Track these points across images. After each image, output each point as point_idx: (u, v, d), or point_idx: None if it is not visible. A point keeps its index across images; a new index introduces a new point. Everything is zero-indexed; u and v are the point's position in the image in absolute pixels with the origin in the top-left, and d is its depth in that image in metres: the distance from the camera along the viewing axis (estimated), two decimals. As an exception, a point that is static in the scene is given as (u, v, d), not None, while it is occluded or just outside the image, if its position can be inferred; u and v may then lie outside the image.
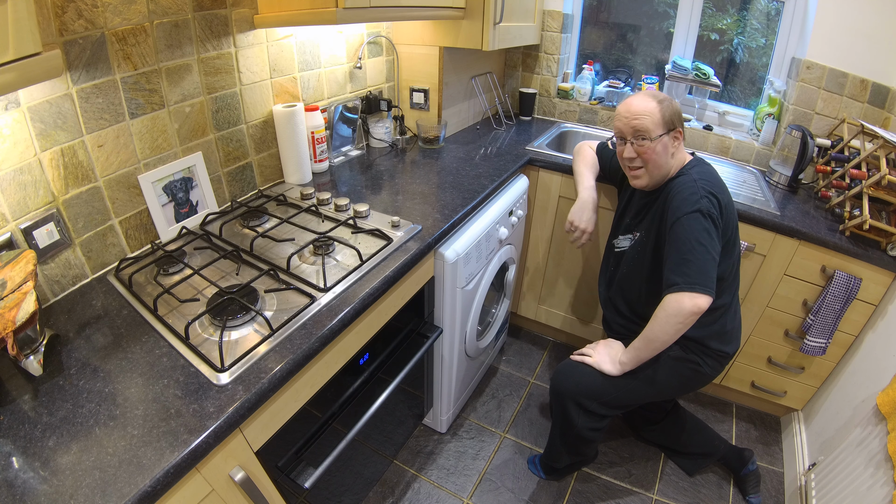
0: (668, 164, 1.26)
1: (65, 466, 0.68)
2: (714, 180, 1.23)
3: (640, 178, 1.30)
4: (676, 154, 1.27)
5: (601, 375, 1.35)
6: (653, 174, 1.27)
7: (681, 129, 1.25)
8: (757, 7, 2.03)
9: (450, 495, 1.61)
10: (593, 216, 1.56)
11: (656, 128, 1.22)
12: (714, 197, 1.17)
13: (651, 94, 1.26)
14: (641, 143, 1.24)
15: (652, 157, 1.24)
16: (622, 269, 1.43)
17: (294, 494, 1.04)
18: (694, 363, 1.30)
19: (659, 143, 1.22)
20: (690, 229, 1.14)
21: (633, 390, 1.33)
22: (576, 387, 1.37)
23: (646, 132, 1.23)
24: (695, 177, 1.22)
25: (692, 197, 1.17)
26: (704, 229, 1.14)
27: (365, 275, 1.10)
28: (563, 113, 2.38)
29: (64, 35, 0.93)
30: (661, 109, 1.22)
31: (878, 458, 1.16)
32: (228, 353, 0.86)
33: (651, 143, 1.23)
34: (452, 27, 1.75)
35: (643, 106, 1.23)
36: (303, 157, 1.53)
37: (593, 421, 1.39)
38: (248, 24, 1.30)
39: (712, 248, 1.13)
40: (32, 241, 0.97)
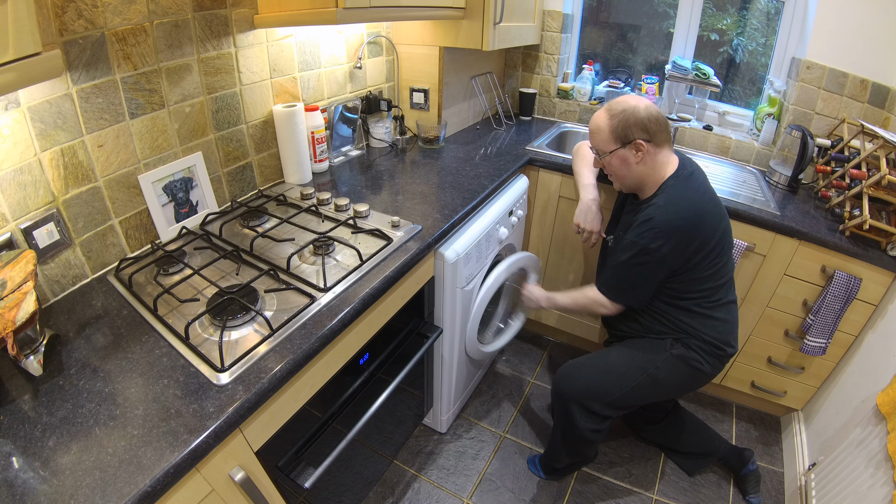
0: (634, 173, 1.27)
1: (65, 466, 0.68)
2: (680, 205, 1.20)
3: (615, 183, 1.37)
4: (646, 162, 1.24)
5: (604, 376, 1.36)
6: (623, 182, 1.33)
7: (642, 141, 1.21)
8: (757, 7, 2.03)
9: (450, 495, 1.61)
10: (598, 216, 1.56)
11: (607, 143, 1.27)
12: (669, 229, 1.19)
13: (608, 107, 1.27)
14: (602, 155, 1.31)
15: (611, 170, 1.32)
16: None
17: (294, 494, 1.04)
18: (695, 361, 1.31)
19: (614, 157, 1.27)
20: (626, 252, 1.25)
21: (635, 390, 1.33)
22: (579, 388, 1.38)
23: (599, 147, 1.30)
24: (660, 204, 1.22)
25: (642, 227, 1.22)
26: (635, 262, 1.24)
27: (365, 275, 1.10)
28: (563, 113, 2.38)
29: (64, 35, 0.93)
30: (612, 125, 1.24)
31: (878, 458, 1.16)
32: (228, 353, 0.86)
33: (606, 157, 1.29)
34: (452, 27, 1.75)
35: (595, 123, 1.29)
36: (303, 157, 1.53)
37: (596, 422, 1.39)
38: (248, 24, 1.30)
39: (634, 274, 1.27)
40: (32, 241, 0.97)
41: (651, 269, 1.24)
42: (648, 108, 1.23)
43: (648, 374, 1.32)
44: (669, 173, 1.25)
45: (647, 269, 1.24)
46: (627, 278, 1.29)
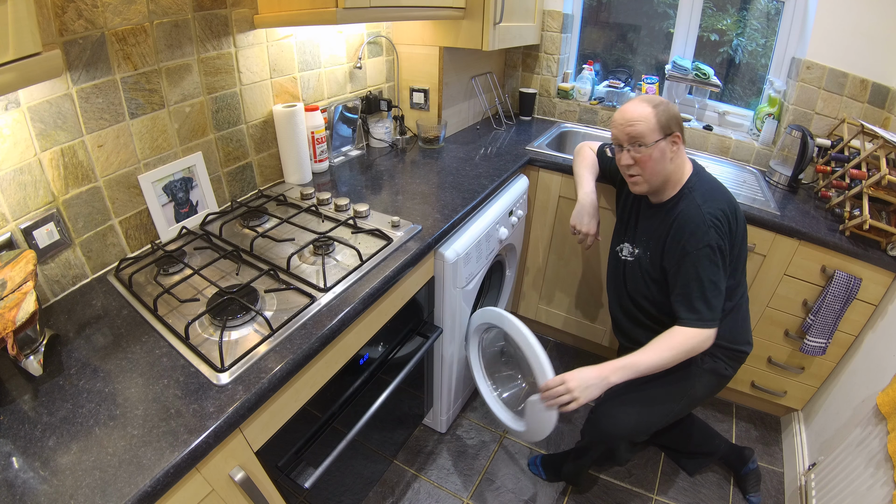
0: (667, 169, 1.22)
1: (65, 466, 0.68)
2: (717, 196, 1.20)
3: (639, 184, 1.26)
4: (676, 159, 1.22)
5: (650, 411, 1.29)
6: (651, 181, 1.24)
7: (679, 134, 1.20)
8: (757, 7, 2.03)
9: (450, 495, 1.61)
10: (594, 218, 1.54)
11: (652, 133, 1.18)
12: (720, 221, 1.16)
13: (646, 98, 1.23)
14: (638, 149, 1.20)
15: (649, 163, 1.21)
16: (630, 283, 1.40)
17: (294, 494, 1.04)
18: (722, 368, 1.30)
19: (655, 148, 1.19)
20: (701, 266, 1.16)
21: (675, 413, 1.32)
22: (627, 427, 1.30)
23: (641, 138, 1.19)
24: (698, 201, 1.19)
25: (699, 230, 1.16)
26: (714, 264, 1.16)
27: (365, 275, 1.10)
28: (563, 113, 2.38)
29: (64, 35, 0.93)
30: (657, 114, 1.18)
31: (878, 458, 1.16)
32: (228, 353, 0.86)
33: (648, 150, 1.19)
34: (452, 27, 1.75)
35: (638, 111, 1.19)
36: (303, 157, 1.53)
37: (636, 450, 1.37)
38: (248, 24, 1.30)
39: (721, 281, 1.17)
40: (32, 241, 0.97)
41: (726, 267, 1.18)
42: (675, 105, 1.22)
43: (687, 395, 1.29)
44: (689, 172, 1.25)
45: (724, 268, 1.18)
46: (720, 288, 1.17)
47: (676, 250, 1.20)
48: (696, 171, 1.26)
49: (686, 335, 1.18)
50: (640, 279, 1.34)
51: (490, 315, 1.47)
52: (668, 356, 1.18)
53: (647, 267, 1.31)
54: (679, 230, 1.20)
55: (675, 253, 1.20)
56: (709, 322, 1.17)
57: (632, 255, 1.38)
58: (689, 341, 1.17)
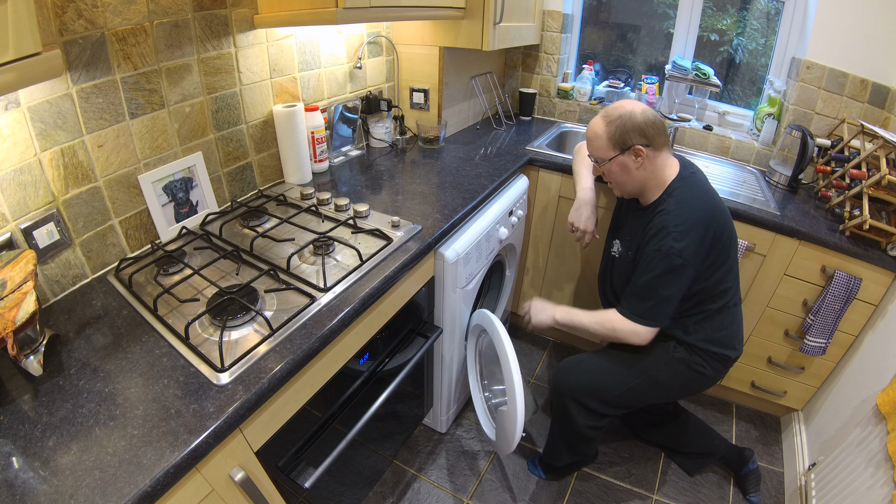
0: (636, 179, 1.25)
1: (65, 466, 0.68)
2: (692, 204, 1.20)
3: (615, 190, 1.35)
4: (645, 168, 1.23)
5: (603, 374, 1.35)
6: (624, 188, 1.31)
7: (641, 147, 1.19)
8: (757, 7, 2.03)
9: (450, 495, 1.61)
10: (592, 216, 1.55)
11: (606, 150, 1.25)
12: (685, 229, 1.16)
13: (605, 113, 1.25)
14: (599, 165, 1.29)
15: (610, 176, 1.30)
16: (618, 279, 1.43)
17: (294, 494, 1.04)
18: (697, 364, 1.30)
19: (613, 163, 1.25)
20: (647, 267, 1.21)
21: (634, 390, 1.33)
22: (577, 385, 1.37)
23: (597, 154, 1.28)
24: (670, 208, 1.20)
25: (658, 234, 1.19)
26: (656, 269, 1.19)
27: (365, 275, 1.10)
28: (563, 113, 2.38)
29: (64, 35, 0.93)
30: (609, 132, 1.22)
31: (878, 458, 1.16)
32: (228, 353, 0.86)
33: (606, 165, 1.27)
34: (452, 27, 1.75)
35: (592, 130, 1.27)
36: (303, 157, 1.53)
37: (593, 419, 1.39)
38: (248, 24, 1.30)
39: (664, 287, 1.20)
40: (32, 241, 0.97)
41: (680, 277, 1.19)
42: (645, 112, 1.21)
43: (649, 375, 1.32)
44: (672, 176, 1.24)
45: (676, 277, 1.19)
46: (660, 293, 1.20)
47: (641, 249, 1.26)
48: (680, 175, 1.25)
49: (614, 317, 1.27)
50: (624, 276, 1.38)
51: (486, 321, 1.48)
52: (596, 326, 1.32)
53: (628, 265, 1.35)
54: (645, 232, 1.24)
55: (640, 251, 1.27)
56: (638, 318, 1.24)
57: (618, 253, 1.43)
58: (615, 324, 1.27)
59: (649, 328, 1.24)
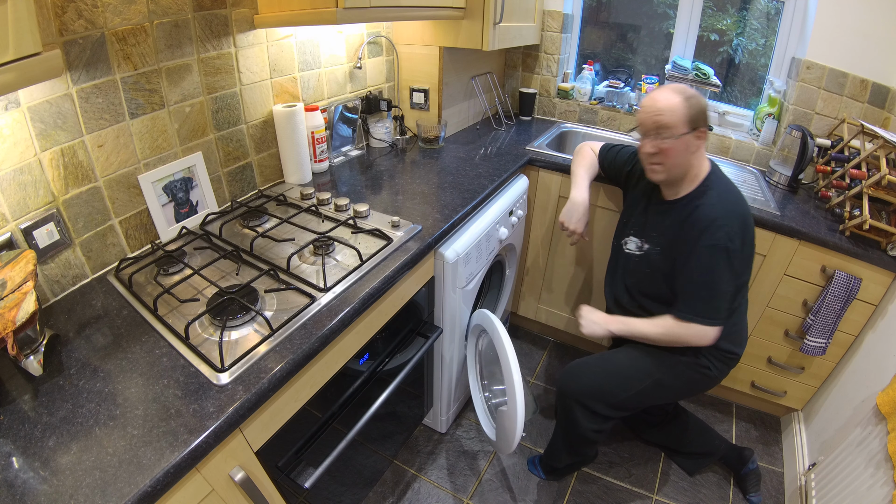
0: (688, 163, 1.21)
1: (65, 466, 0.68)
2: (732, 199, 1.21)
3: (658, 173, 1.24)
4: (698, 154, 1.21)
5: (610, 378, 1.34)
6: (671, 171, 1.22)
7: (704, 129, 1.18)
8: (757, 7, 2.03)
9: (450, 495, 1.61)
10: (583, 217, 1.54)
11: (679, 125, 1.16)
12: (733, 222, 1.16)
13: (678, 88, 1.19)
14: (664, 140, 1.18)
15: (672, 154, 1.19)
16: (634, 277, 1.39)
17: (294, 494, 1.04)
18: (704, 367, 1.30)
19: (681, 141, 1.17)
20: (709, 264, 1.17)
21: (640, 393, 1.33)
22: (583, 388, 1.36)
23: (668, 129, 1.17)
24: (714, 201, 1.19)
25: (710, 228, 1.16)
26: (717, 265, 1.17)
27: (365, 275, 1.10)
28: (563, 113, 2.38)
29: (64, 35, 0.93)
30: (687, 107, 1.15)
31: (878, 458, 1.16)
32: (228, 353, 0.86)
33: (672, 141, 1.17)
34: (452, 27, 1.75)
35: (668, 101, 1.16)
36: (303, 157, 1.53)
37: (598, 422, 1.38)
38: (248, 24, 1.30)
39: (724, 282, 1.18)
40: (32, 241, 0.97)
41: (735, 270, 1.17)
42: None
43: (655, 379, 1.31)
44: (707, 169, 1.25)
45: (732, 270, 1.17)
46: (721, 289, 1.17)
47: (687, 245, 1.21)
48: (713, 169, 1.26)
49: (677, 325, 1.23)
50: (649, 274, 1.34)
51: (486, 321, 1.48)
52: (658, 334, 1.27)
53: (659, 262, 1.31)
54: (691, 227, 1.20)
55: (685, 248, 1.22)
56: (704, 319, 1.20)
57: (640, 250, 1.38)
58: (679, 330, 1.23)
59: (715, 327, 1.20)
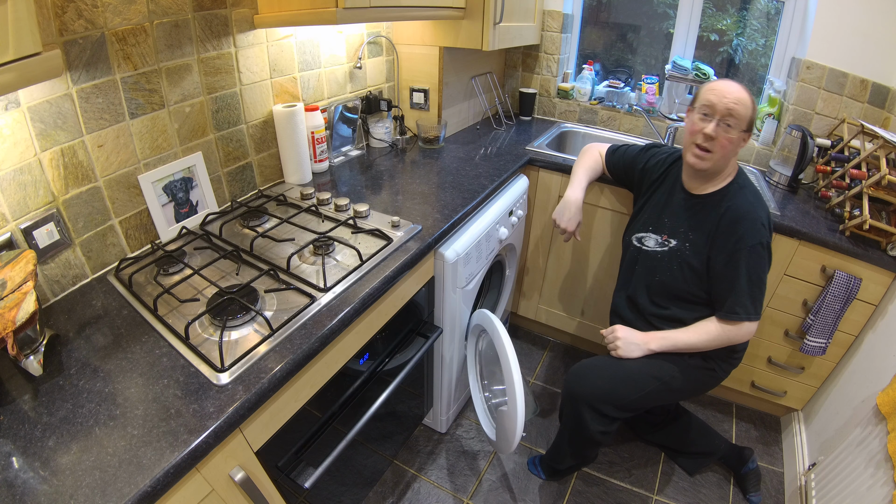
0: (729, 157, 1.25)
1: (65, 466, 0.68)
2: (762, 200, 1.27)
3: (705, 160, 1.24)
4: (737, 155, 1.27)
5: (619, 380, 1.33)
6: (717, 162, 1.23)
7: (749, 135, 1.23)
8: (757, 7, 2.03)
9: (450, 495, 1.61)
10: (575, 217, 1.55)
11: (745, 122, 1.20)
12: (769, 221, 1.23)
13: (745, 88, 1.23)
14: (727, 128, 1.19)
15: (727, 146, 1.21)
16: (660, 276, 1.37)
17: (294, 494, 1.04)
18: (710, 368, 1.32)
19: (740, 136, 1.21)
20: (756, 263, 1.21)
21: (649, 394, 1.32)
22: (592, 390, 1.35)
23: (738, 120, 1.19)
24: (751, 199, 1.23)
25: (755, 226, 1.21)
26: (764, 262, 1.22)
27: (365, 275, 1.10)
28: (563, 113, 2.38)
29: (64, 35, 0.93)
30: (754, 109, 1.22)
31: (878, 458, 1.16)
32: (228, 353, 0.86)
33: (734, 134, 1.20)
34: (452, 27, 1.75)
35: (744, 96, 1.19)
36: (303, 157, 1.53)
37: (605, 424, 1.37)
38: (248, 24, 1.30)
39: (766, 279, 1.24)
40: (32, 241, 0.97)
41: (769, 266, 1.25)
42: None
43: (663, 381, 1.31)
44: (736, 171, 1.30)
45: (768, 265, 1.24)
46: (764, 284, 1.25)
47: (729, 243, 1.23)
48: (741, 171, 1.31)
49: (727, 327, 1.26)
50: (678, 272, 1.33)
51: (486, 321, 1.48)
52: (706, 340, 1.28)
53: (689, 258, 1.31)
54: (733, 224, 1.23)
55: (727, 246, 1.24)
56: (752, 316, 1.24)
57: (662, 246, 1.37)
58: (731, 332, 1.26)
59: (757, 321, 1.26)
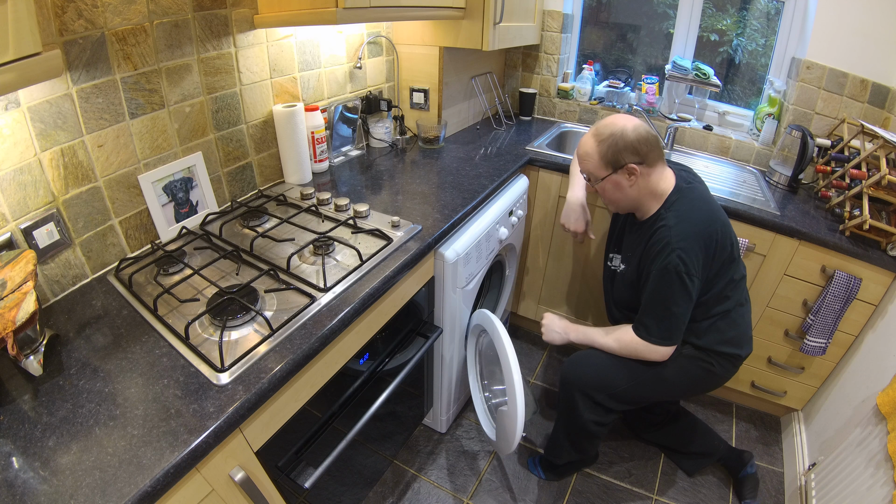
0: (629, 196, 1.25)
1: (65, 466, 0.68)
2: (692, 217, 1.19)
3: (610, 206, 1.34)
4: (638, 185, 1.22)
5: (613, 368, 1.35)
6: (617, 205, 1.31)
7: (635, 165, 1.19)
8: (757, 7, 2.03)
9: (450, 495, 1.61)
10: (581, 218, 1.57)
11: (598, 170, 1.24)
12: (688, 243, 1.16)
13: (595, 132, 1.23)
14: (597, 181, 1.27)
15: (604, 195, 1.29)
16: (618, 293, 1.44)
17: (294, 494, 1.04)
18: (706, 363, 1.31)
19: (607, 182, 1.24)
20: (660, 286, 1.20)
21: (642, 385, 1.33)
22: (586, 377, 1.38)
23: (590, 174, 1.27)
24: (671, 223, 1.19)
25: (663, 252, 1.18)
26: (668, 286, 1.18)
27: (365, 275, 1.10)
28: (563, 113, 2.38)
29: (64, 35, 0.93)
30: (601, 151, 1.20)
31: (878, 458, 1.16)
32: (228, 353, 0.86)
33: (599, 184, 1.26)
34: (452, 27, 1.75)
35: (583, 149, 1.26)
36: (303, 157, 1.53)
37: (599, 414, 1.39)
38: (248, 24, 1.30)
39: (676, 304, 1.19)
40: (32, 241, 0.97)
41: (689, 293, 1.18)
42: (637, 129, 1.19)
43: (656, 372, 1.32)
44: (669, 189, 1.24)
45: (686, 293, 1.18)
46: (672, 311, 1.20)
47: (645, 263, 1.25)
48: (677, 187, 1.24)
49: (633, 339, 1.27)
50: (625, 289, 1.39)
51: (486, 321, 1.48)
52: (617, 347, 1.32)
53: (631, 278, 1.35)
54: (649, 249, 1.23)
55: (644, 266, 1.25)
56: (655, 339, 1.24)
57: (618, 268, 1.42)
58: (635, 346, 1.27)
59: (667, 346, 1.24)
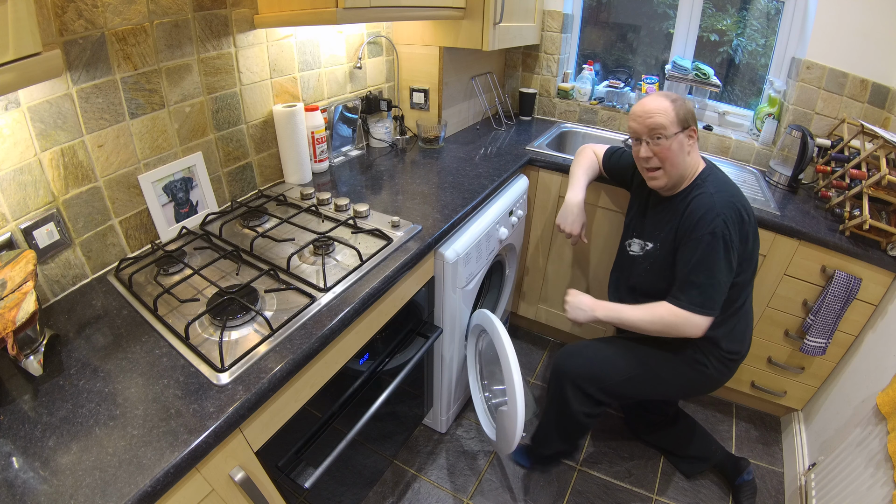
0: (685, 163, 1.25)
1: (65, 466, 0.68)
2: (729, 189, 1.24)
3: (658, 178, 1.28)
4: (692, 153, 1.26)
5: (604, 361, 1.35)
6: (671, 174, 1.26)
7: (695, 128, 1.24)
8: (757, 7, 2.03)
9: (450, 495, 1.61)
10: (578, 219, 1.56)
11: (671, 125, 1.21)
12: (730, 210, 1.18)
13: (663, 93, 1.26)
14: (657, 141, 1.23)
15: (668, 155, 1.23)
16: (636, 278, 1.41)
17: (294, 494, 1.04)
18: (699, 363, 1.30)
19: (675, 140, 1.22)
20: (702, 252, 1.18)
21: (633, 381, 1.33)
22: (577, 368, 1.38)
23: (661, 129, 1.22)
24: (710, 190, 1.22)
25: (707, 216, 1.18)
26: (715, 252, 1.17)
27: (365, 275, 1.10)
28: (563, 113, 2.38)
29: (64, 35, 0.93)
30: (675, 108, 1.22)
31: (878, 458, 1.16)
32: (228, 353, 0.86)
33: (667, 141, 1.22)
34: (452, 27, 1.75)
35: (657, 104, 1.23)
36: (303, 157, 1.53)
37: (589, 406, 1.39)
38: (248, 24, 1.30)
39: (720, 272, 1.18)
40: (32, 241, 0.97)
41: (731, 260, 1.18)
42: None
43: (649, 367, 1.32)
44: (702, 165, 1.29)
45: (729, 260, 1.18)
46: (717, 278, 1.17)
47: (685, 234, 1.23)
48: (708, 165, 1.30)
49: (670, 311, 1.22)
50: (651, 273, 1.35)
51: (486, 321, 1.48)
52: (648, 321, 1.25)
53: (662, 259, 1.32)
54: (690, 216, 1.22)
55: (684, 237, 1.23)
56: (697, 308, 1.19)
57: (642, 250, 1.40)
58: (671, 318, 1.22)
59: (707, 317, 1.21)
